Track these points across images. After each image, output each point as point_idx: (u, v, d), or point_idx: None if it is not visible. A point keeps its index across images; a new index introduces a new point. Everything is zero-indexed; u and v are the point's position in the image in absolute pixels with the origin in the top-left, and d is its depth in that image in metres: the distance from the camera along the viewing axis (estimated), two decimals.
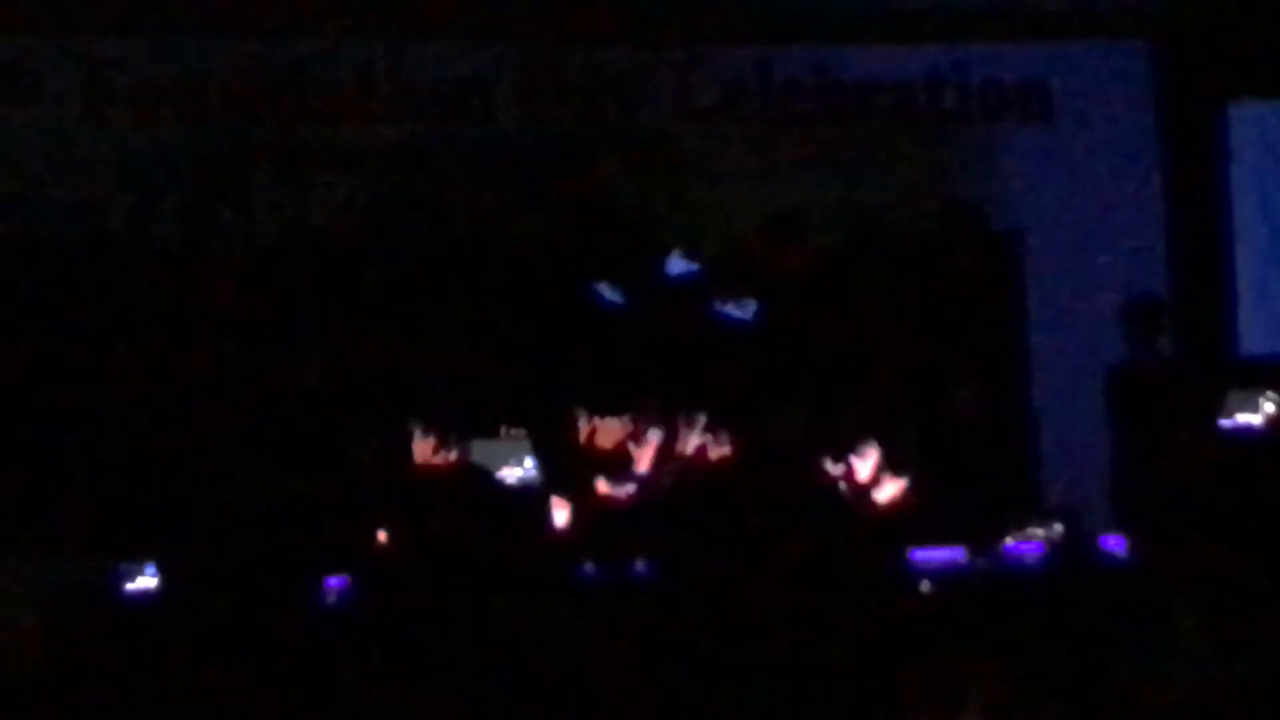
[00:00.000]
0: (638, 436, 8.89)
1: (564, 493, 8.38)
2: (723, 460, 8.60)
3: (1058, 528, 8.69)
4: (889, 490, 8.74)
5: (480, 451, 7.95)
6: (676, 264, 10.15)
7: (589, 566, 8.08)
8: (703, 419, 8.87)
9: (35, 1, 10.13)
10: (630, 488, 8.67)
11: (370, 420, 9.15)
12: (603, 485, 8.66)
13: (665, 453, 8.86)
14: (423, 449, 7.71)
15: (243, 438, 9.18)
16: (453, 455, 7.58)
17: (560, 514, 8.26)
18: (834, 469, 8.66)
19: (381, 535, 7.68)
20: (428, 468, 7.56)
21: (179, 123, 10.43)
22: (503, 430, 8.46)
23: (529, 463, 8.26)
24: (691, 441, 8.86)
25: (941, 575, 8.13)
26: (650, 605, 7.39)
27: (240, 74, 10.48)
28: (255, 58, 10.49)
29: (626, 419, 8.92)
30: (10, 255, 9.92)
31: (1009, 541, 8.58)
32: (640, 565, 8.06)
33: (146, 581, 8.23)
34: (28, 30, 10.18)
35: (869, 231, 10.55)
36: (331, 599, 7.89)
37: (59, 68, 10.30)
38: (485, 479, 6.92)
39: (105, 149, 10.31)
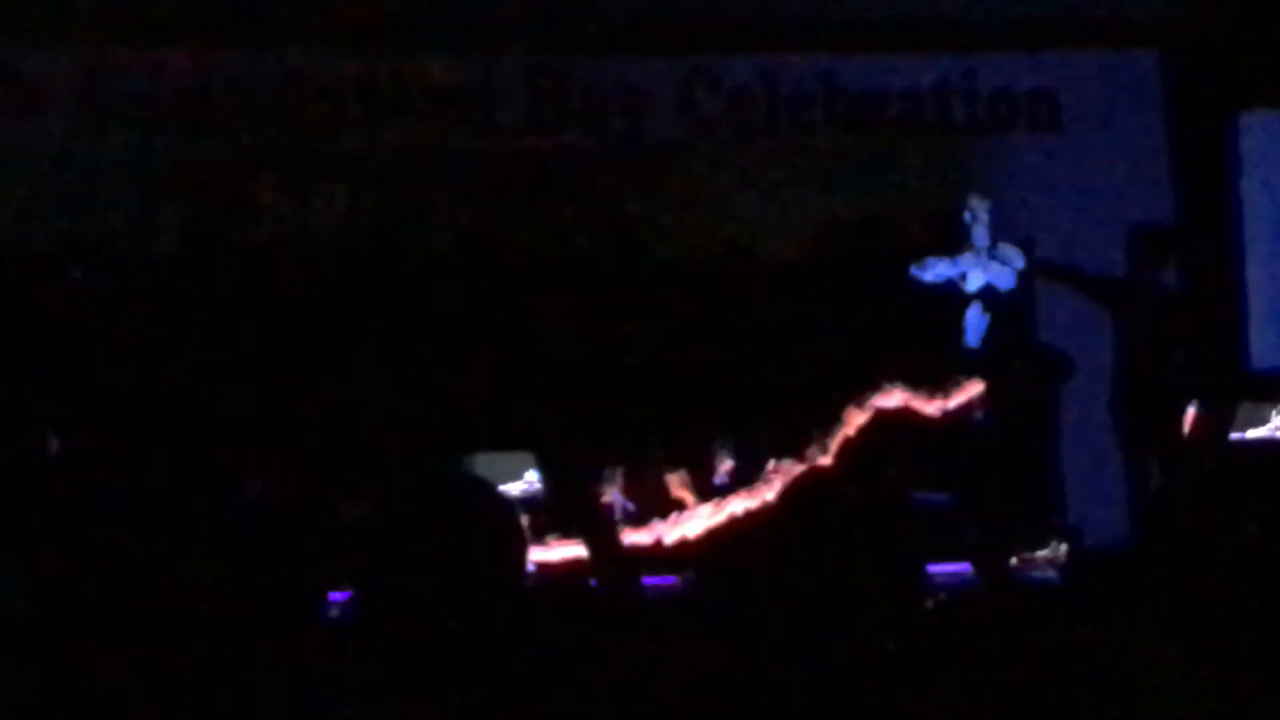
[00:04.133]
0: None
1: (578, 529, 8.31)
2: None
3: (1063, 548, 8.65)
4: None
5: (482, 464, 7.93)
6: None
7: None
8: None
9: (35, 9, 10.08)
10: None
11: (375, 432, 9.11)
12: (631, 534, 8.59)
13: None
14: None
15: (244, 448, 9.14)
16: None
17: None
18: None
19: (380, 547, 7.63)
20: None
21: (181, 132, 10.39)
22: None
23: (531, 475, 8.22)
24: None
25: (951, 590, 8.08)
26: (659, 617, 7.31)
27: (241, 82, 10.44)
28: (256, 66, 10.45)
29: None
30: (9, 265, 9.88)
31: (1015, 563, 8.53)
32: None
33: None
34: (27, 38, 10.14)
35: (874, 242, 10.48)
36: (335, 613, 7.83)
37: (58, 76, 10.26)
38: (486, 492, 6.81)
39: (106, 159, 10.25)
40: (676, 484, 8.90)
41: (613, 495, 8.83)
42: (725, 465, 9.03)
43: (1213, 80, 11.16)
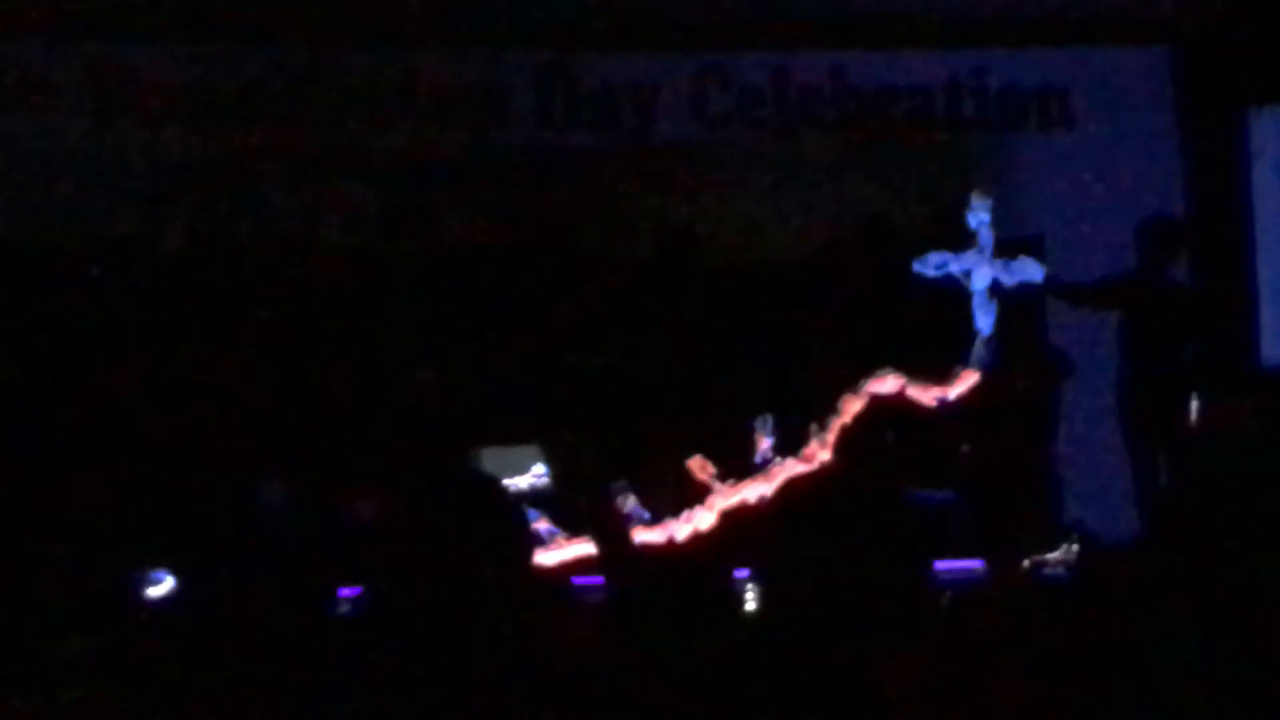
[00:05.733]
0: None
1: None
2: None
3: (1074, 548, 8.63)
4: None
5: (489, 459, 7.94)
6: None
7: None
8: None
9: (43, 6, 10.08)
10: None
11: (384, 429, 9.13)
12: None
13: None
14: None
15: (255, 445, 9.14)
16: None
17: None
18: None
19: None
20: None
21: (189, 131, 10.39)
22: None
23: (539, 469, 8.23)
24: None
25: (962, 588, 8.05)
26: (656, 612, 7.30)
27: (250, 80, 10.44)
28: (265, 64, 10.45)
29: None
30: (18, 263, 9.88)
31: (1027, 564, 8.52)
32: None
33: (162, 589, 8.21)
34: (35, 35, 10.15)
35: (885, 238, 10.47)
36: (345, 609, 7.83)
37: (67, 73, 10.26)
38: (491, 487, 6.82)
39: (114, 155, 10.27)
40: (697, 468, 8.90)
41: (628, 500, 8.82)
42: (736, 459, 9.02)
43: (1224, 76, 11.14)
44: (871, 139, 11.02)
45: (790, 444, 8.87)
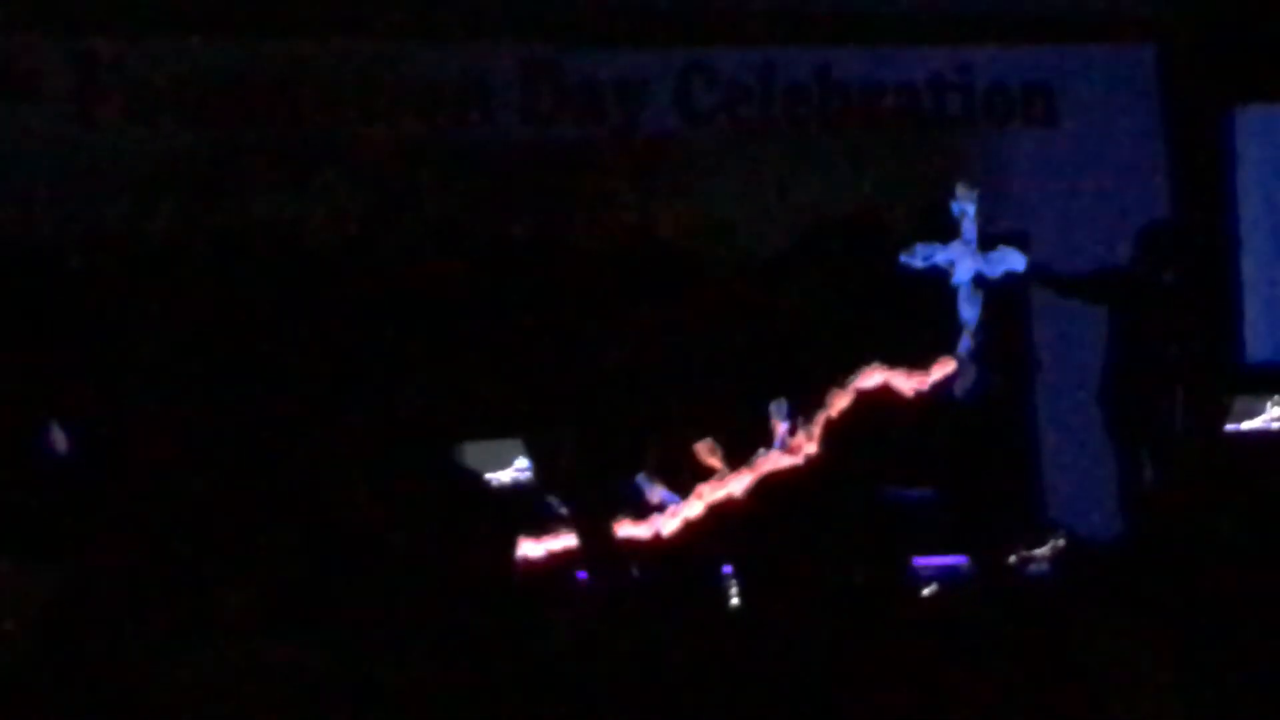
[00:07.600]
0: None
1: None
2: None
3: (1060, 544, 8.64)
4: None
5: (471, 453, 7.94)
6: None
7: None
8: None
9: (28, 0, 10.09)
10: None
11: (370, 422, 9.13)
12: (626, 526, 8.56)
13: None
14: None
15: (239, 440, 9.14)
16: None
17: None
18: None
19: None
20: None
21: (175, 123, 10.37)
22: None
23: (522, 462, 8.22)
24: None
25: (945, 581, 8.06)
26: (646, 609, 7.31)
27: (237, 74, 10.42)
28: (252, 58, 10.43)
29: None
30: (4, 257, 9.86)
31: (1013, 559, 8.53)
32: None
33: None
34: (21, 28, 10.13)
35: (869, 235, 10.48)
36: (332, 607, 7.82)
37: (52, 67, 10.23)
38: (474, 482, 6.84)
39: (100, 150, 10.23)
40: (705, 452, 8.90)
41: (656, 489, 8.82)
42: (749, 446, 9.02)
43: (1208, 74, 11.15)
44: (857, 135, 11.02)
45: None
